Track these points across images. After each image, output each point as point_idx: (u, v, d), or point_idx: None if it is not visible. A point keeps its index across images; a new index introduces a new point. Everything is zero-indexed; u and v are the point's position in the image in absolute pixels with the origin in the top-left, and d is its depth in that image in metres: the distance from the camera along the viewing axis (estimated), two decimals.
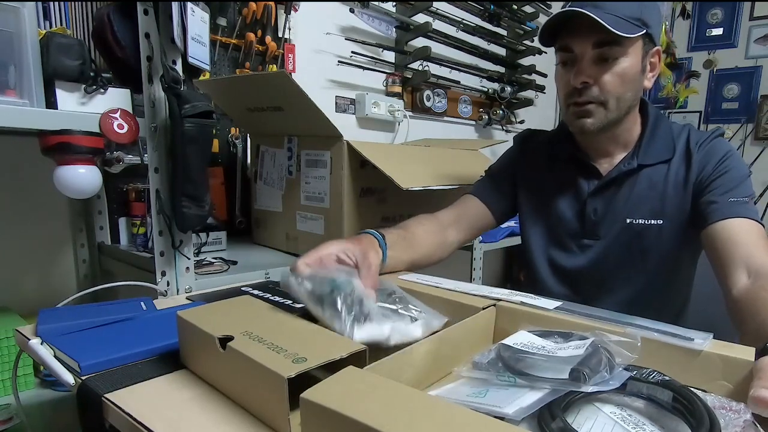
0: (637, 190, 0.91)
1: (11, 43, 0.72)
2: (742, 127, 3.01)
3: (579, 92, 0.85)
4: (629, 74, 0.84)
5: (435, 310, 0.65)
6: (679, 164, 0.90)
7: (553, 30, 0.87)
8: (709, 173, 0.86)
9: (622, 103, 0.86)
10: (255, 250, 1.25)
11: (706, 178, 0.86)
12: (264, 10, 1.48)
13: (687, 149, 0.90)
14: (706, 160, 0.87)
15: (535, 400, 0.43)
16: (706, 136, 0.90)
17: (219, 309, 0.59)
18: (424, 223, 0.96)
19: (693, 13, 3.15)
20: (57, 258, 1.19)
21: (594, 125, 0.87)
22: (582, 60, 0.84)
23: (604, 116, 0.86)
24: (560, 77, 0.90)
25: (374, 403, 0.36)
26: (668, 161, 0.90)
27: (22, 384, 0.91)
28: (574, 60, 0.86)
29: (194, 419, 0.47)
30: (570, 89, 0.87)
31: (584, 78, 0.84)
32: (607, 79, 0.84)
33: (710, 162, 0.87)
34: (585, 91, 0.85)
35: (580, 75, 0.84)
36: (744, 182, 0.85)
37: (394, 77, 1.92)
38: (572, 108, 0.88)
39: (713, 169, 0.86)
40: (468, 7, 2.11)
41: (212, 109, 0.83)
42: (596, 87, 0.84)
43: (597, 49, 0.83)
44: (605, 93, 0.84)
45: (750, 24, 2.97)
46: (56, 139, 0.75)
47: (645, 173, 0.91)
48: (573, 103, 0.88)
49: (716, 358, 0.50)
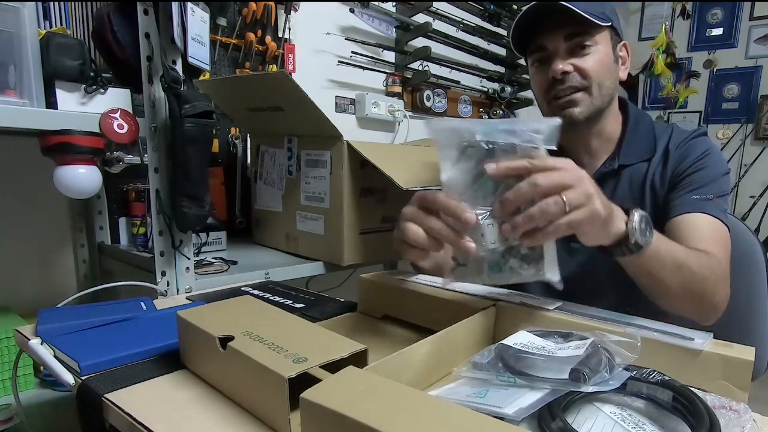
0: (619, 192, 0.92)
1: (11, 43, 0.72)
2: (742, 127, 3.01)
3: (560, 81, 0.86)
4: (605, 61, 0.86)
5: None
6: (658, 162, 0.90)
7: (523, 34, 0.88)
8: (683, 170, 0.87)
9: (604, 90, 0.87)
10: (255, 250, 1.25)
11: (679, 174, 0.87)
12: (264, 10, 1.47)
13: (667, 148, 0.90)
14: (683, 158, 0.88)
15: (535, 400, 0.43)
16: (686, 135, 0.91)
17: (219, 309, 0.59)
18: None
19: (693, 13, 3.16)
20: (57, 258, 1.19)
21: (582, 113, 0.87)
22: (557, 53, 0.86)
23: (590, 103, 0.87)
24: (536, 76, 0.91)
25: (374, 403, 0.36)
26: (649, 160, 0.91)
27: (22, 384, 0.91)
28: (549, 57, 0.87)
29: (194, 419, 0.47)
30: (548, 83, 0.88)
31: (562, 65, 0.84)
32: (585, 65, 0.85)
33: (686, 159, 0.87)
34: (565, 79, 0.86)
35: (557, 63, 0.85)
36: (715, 180, 0.85)
37: (394, 77, 1.92)
38: (554, 102, 0.88)
39: (687, 166, 0.87)
40: (468, 7, 2.11)
41: (212, 109, 0.83)
42: (576, 74, 0.85)
43: (569, 42, 0.84)
44: (587, 78, 0.85)
45: (750, 24, 2.97)
46: (56, 139, 0.75)
47: (626, 173, 0.92)
48: (554, 97, 0.88)
49: (716, 357, 0.50)
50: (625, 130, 0.93)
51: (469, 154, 0.55)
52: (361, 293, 0.79)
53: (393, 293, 0.74)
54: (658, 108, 3.29)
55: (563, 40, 0.85)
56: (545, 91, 0.89)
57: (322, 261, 1.11)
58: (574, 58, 0.85)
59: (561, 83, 0.86)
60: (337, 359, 0.45)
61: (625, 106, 0.95)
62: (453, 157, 0.56)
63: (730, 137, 3.03)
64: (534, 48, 0.89)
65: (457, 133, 0.55)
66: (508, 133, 0.54)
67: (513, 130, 0.54)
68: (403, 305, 0.72)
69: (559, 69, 0.84)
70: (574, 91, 0.86)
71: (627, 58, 0.93)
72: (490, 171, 0.53)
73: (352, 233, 1.07)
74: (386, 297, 0.75)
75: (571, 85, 0.86)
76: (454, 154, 0.56)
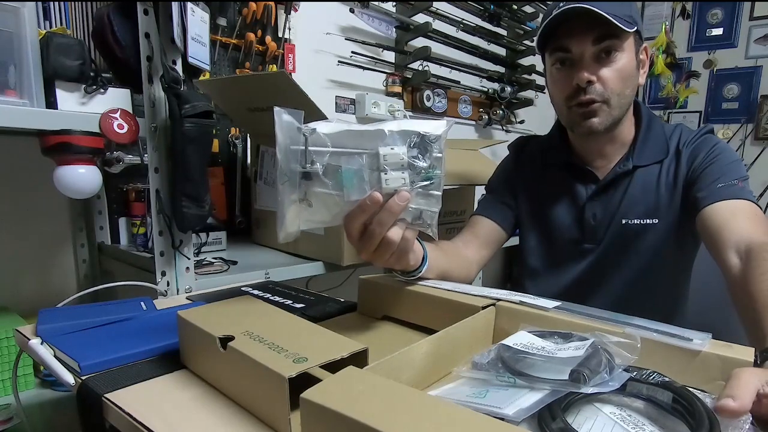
0: (631, 191, 0.91)
1: (11, 43, 0.72)
2: (742, 127, 3.01)
3: (583, 91, 0.85)
4: (627, 69, 0.85)
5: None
6: (670, 163, 0.90)
7: (545, 35, 0.86)
8: (698, 166, 0.87)
9: (623, 100, 0.86)
10: (255, 250, 1.25)
11: (695, 170, 0.87)
12: (264, 10, 1.48)
13: (678, 147, 0.90)
14: (695, 156, 0.88)
15: (535, 401, 0.43)
16: (695, 134, 0.91)
17: (219, 309, 0.59)
18: (440, 243, 0.93)
19: (693, 13, 3.15)
20: (57, 258, 1.19)
21: (602, 124, 0.86)
22: (583, 58, 0.84)
23: (609, 114, 0.86)
24: (557, 79, 0.89)
25: (374, 403, 0.36)
26: (661, 161, 0.91)
27: (22, 384, 0.91)
28: (573, 60, 0.85)
29: (194, 419, 0.47)
30: (572, 89, 0.86)
31: (588, 74, 0.83)
32: (608, 76, 0.84)
33: (699, 156, 0.87)
34: (589, 89, 0.84)
35: (582, 72, 0.83)
36: (732, 167, 0.84)
37: (394, 77, 1.92)
38: (575, 109, 0.87)
39: (702, 161, 0.86)
40: (468, 7, 2.11)
41: (212, 109, 0.83)
42: (599, 84, 0.84)
43: (596, 46, 0.83)
44: (608, 90, 0.84)
45: (750, 24, 2.97)
46: (56, 139, 0.75)
47: (639, 174, 0.92)
48: (577, 104, 0.86)
49: (715, 358, 0.50)
50: (638, 131, 0.93)
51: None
52: (360, 293, 0.79)
53: (393, 293, 0.74)
54: (658, 108, 3.29)
55: (591, 44, 0.82)
56: (567, 96, 0.88)
57: (322, 261, 1.11)
58: (598, 65, 0.84)
59: (583, 92, 0.85)
60: (337, 359, 0.45)
61: (638, 108, 0.95)
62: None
63: (730, 137, 3.03)
64: (556, 47, 0.86)
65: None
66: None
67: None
68: (403, 305, 0.72)
69: (585, 78, 0.83)
70: (594, 102, 0.85)
71: (647, 61, 0.91)
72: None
73: None
74: (386, 297, 0.75)
75: (593, 96, 0.84)
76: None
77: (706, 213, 0.80)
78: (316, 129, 0.53)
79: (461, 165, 1.35)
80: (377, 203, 0.55)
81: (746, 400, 0.40)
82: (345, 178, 0.54)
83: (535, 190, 1.03)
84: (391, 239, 0.58)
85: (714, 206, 0.80)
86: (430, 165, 0.55)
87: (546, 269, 1.02)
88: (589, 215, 0.94)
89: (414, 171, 0.55)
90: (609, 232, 0.93)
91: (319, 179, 0.54)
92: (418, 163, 0.55)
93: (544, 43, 0.89)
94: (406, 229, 0.60)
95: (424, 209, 0.58)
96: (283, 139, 0.53)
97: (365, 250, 0.60)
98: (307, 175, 0.54)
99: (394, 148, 0.54)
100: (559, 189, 0.99)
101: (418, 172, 0.55)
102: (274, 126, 0.52)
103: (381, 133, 0.54)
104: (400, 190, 0.55)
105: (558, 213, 0.98)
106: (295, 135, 0.53)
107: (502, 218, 1.05)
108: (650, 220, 0.90)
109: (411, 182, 0.56)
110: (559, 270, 1.00)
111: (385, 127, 0.54)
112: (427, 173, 0.56)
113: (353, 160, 0.54)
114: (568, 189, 0.98)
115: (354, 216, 0.57)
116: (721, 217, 0.78)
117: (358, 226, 0.57)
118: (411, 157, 0.55)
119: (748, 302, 0.63)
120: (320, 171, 0.54)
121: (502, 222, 1.05)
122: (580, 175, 0.96)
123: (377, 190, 0.55)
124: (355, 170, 0.54)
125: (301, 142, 0.53)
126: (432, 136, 0.55)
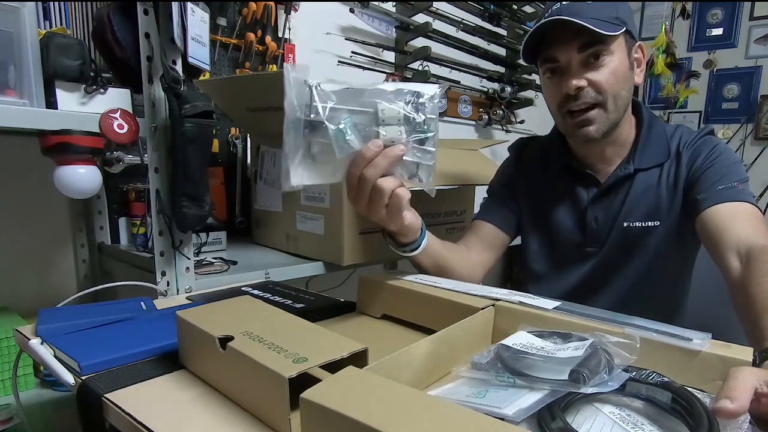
0: (632, 194, 0.91)
1: (11, 43, 0.72)
2: (742, 127, 3.01)
3: (574, 98, 0.84)
4: (620, 70, 0.84)
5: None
6: (670, 165, 0.90)
7: (534, 45, 0.86)
8: (698, 168, 0.86)
9: (620, 101, 0.86)
10: (255, 250, 1.25)
11: (695, 172, 0.86)
12: (264, 10, 1.47)
13: (678, 149, 0.90)
14: (695, 157, 0.88)
15: (535, 401, 0.43)
16: (695, 135, 0.90)
17: (219, 309, 0.59)
18: (443, 241, 0.94)
19: (693, 13, 3.15)
20: (57, 258, 1.19)
21: (598, 131, 0.86)
22: (570, 65, 0.84)
23: (606, 119, 0.86)
24: (549, 87, 0.89)
25: (374, 403, 0.36)
26: (662, 164, 0.90)
27: (22, 384, 0.91)
28: (562, 69, 0.85)
29: (194, 419, 0.47)
30: (562, 97, 0.86)
31: (576, 81, 0.83)
32: (599, 79, 0.83)
33: (699, 158, 0.87)
34: (580, 95, 0.84)
35: (570, 80, 0.83)
36: (732, 168, 0.84)
37: (394, 77, 1.92)
38: (569, 118, 0.87)
39: (702, 163, 0.86)
40: (468, 7, 2.11)
41: (212, 109, 0.83)
42: (590, 88, 0.83)
43: (582, 53, 0.82)
44: (602, 92, 0.84)
45: (750, 24, 2.97)
46: (56, 139, 0.75)
47: (640, 176, 0.91)
48: (569, 112, 0.86)
49: (714, 358, 0.50)
50: (639, 133, 0.92)
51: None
52: (360, 293, 0.79)
53: (393, 293, 0.74)
54: (658, 108, 3.29)
55: (576, 51, 0.82)
56: (559, 105, 0.87)
57: (322, 261, 1.11)
58: (587, 70, 0.83)
59: (575, 99, 0.84)
60: (337, 359, 0.45)
61: (638, 108, 0.94)
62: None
63: (730, 137, 3.03)
64: (545, 58, 0.86)
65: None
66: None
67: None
68: (403, 305, 0.72)
69: (573, 85, 0.82)
70: (589, 108, 0.84)
71: (642, 59, 0.90)
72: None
73: (352, 233, 1.07)
74: (386, 297, 0.75)
75: (586, 101, 0.84)
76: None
77: (706, 215, 0.80)
78: (320, 84, 0.59)
79: (461, 165, 1.35)
80: (378, 149, 0.60)
81: (744, 400, 0.40)
82: (347, 128, 0.60)
83: (536, 194, 1.03)
84: (383, 186, 0.63)
85: (714, 208, 0.80)
86: (424, 121, 0.61)
87: (549, 273, 1.02)
88: (590, 219, 0.94)
89: (410, 126, 0.61)
90: (611, 236, 0.93)
91: (322, 130, 0.59)
92: (414, 118, 0.61)
93: (534, 52, 0.89)
94: (400, 186, 0.64)
95: (420, 162, 0.63)
96: (290, 91, 0.58)
97: (360, 199, 0.65)
98: (311, 125, 0.59)
99: (391, 104, 0.60)
100: (560, 192, 0.99)
101: (414, 126, 0.61)
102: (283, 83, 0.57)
103: (380, 91, 0.60)
104: (397, 141, 0.61)
105: (560, 216, 0.98)
106: (301, 88, 0.58)
107: (505, 222, 1.05)
108: (651, 222, 0.90)
109: (407, 135, 0.61)
110: (562, 273, 1.00)
111: (384, 87, 0.60)
112: (422, 129, 0.61)
113: (354, 113, 0.60)
114: (570, 192, 0.97)
115: (356, 163, 0.62)
116: (721, 220, 0.78)
117: (358, 175, 0.62)
118: (407, 112, 0.60)
119: (748, 304, 0.63)
120: (323, 119, 0.58)
121: (505, 226, 1.05)
122: (581, 179, 0.96)
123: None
124: (355, 122, 0.60)
125: (307, 94, 0.58)
126: (426, 95, 0.61)
